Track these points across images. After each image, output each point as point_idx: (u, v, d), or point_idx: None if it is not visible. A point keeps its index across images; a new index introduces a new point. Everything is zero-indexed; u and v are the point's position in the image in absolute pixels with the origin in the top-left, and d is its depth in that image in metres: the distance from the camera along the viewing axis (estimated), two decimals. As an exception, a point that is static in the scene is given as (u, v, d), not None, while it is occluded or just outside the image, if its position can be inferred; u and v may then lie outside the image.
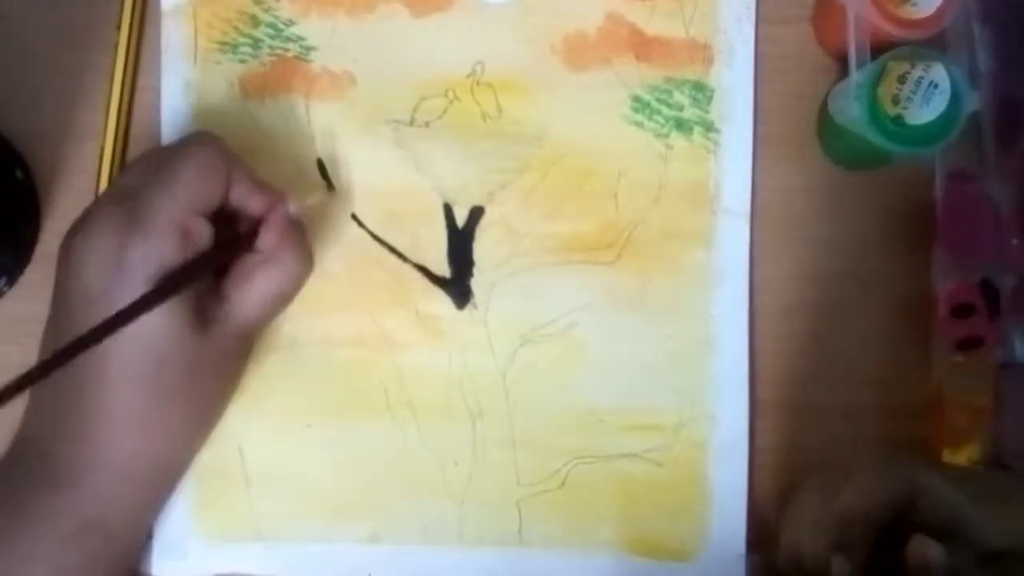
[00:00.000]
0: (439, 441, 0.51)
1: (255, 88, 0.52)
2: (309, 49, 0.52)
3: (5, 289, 0.51)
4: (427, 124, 0.52)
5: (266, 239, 0.46)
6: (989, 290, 0.51)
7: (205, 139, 0.46)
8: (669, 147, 0.52)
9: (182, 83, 0.52)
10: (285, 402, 0.51)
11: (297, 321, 0.51)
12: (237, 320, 0.46)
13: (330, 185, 0.51)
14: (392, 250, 0.52)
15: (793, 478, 0.52)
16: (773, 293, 0.52)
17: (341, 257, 0.52)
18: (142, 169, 0.46)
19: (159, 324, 0.43)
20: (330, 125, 0.52)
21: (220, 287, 0.46)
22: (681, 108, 0.52)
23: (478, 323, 0.52)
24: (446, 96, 0.52)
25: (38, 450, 0.45)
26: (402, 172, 0.52)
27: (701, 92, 0.52)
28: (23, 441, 0.46)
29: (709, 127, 0.52)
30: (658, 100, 0.52)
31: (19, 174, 0.51)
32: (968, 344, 0.51)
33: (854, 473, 0.42)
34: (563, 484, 0.51)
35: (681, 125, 0.52)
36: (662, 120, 0.52)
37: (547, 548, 0.51)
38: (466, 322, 0.52)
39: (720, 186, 0.52)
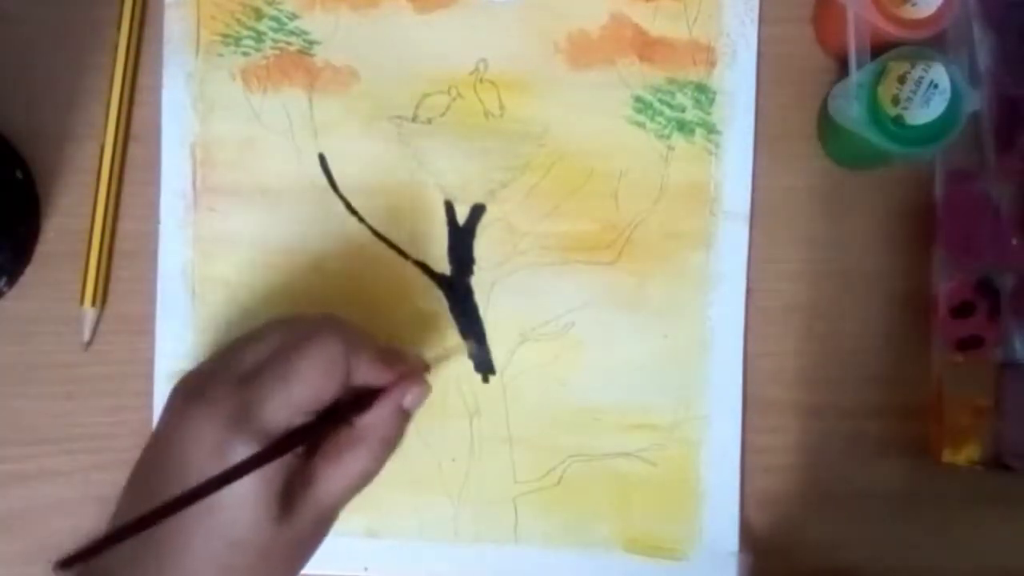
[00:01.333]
0: (436, 438, 0.51)
1: (257, 81, 0.52)
2: (312, 43, 0.52)
3: (5, 289, 0.51)
4: (429, 121, 0.52)
5: (370, 420, 0.44)
6: (989, 290, 0.51)
7: (329, 329, 0.44)
8: (670, 148, 0.52)
9: (183, 75, 0.52)
10: None
11: None
12: (321, 504, 0.43)
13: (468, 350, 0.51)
14: (392, 246, 0.52)
15: (792, 478, 0.52)
16: (773, 293, 0.52)
17: (341, 253, 0.52)
18: (266, 347, 0.44)
19: (241, 505, 0.41)
20: (332, 120, 0.52)
21: (308, 468, 0.43)
22: (683, 109, 0.52)
23: (478, 323, 0.52)
24: (449, 93, 0.52)
25: None
26: (404, 168, 0.52)
27: (703, 94, 0.52)
28: None
29: (711, 129, 0.52)
30: (660, 101, 0.52)
31: (19, 174, 0.51)
32: (968, 344, 0.51)
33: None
34: (559, 482, 0.51)
35: (683, 126, 0.52)
36: (664, 121, 0.52)
37: (542, 545, 0.51)
38: (466, 321, 0.52)
39: (720, 188, 0.52)
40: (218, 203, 0.52)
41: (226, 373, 0.43)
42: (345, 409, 0.44)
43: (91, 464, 0.51)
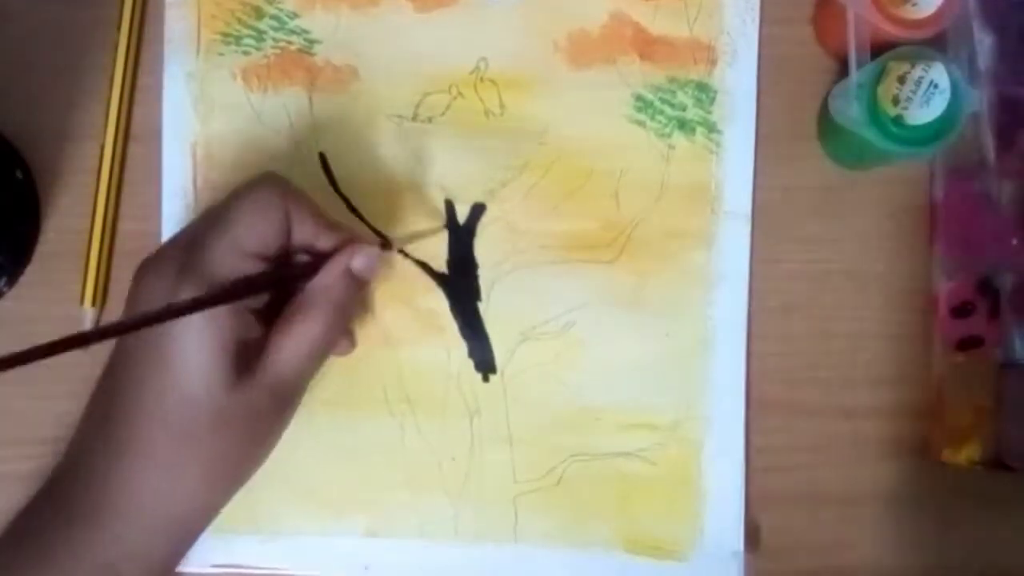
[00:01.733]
0: (436, 437, 0.51)
1: (258, 80, 0.52)
2: (313, 42, 0.52)
3: (5, 289, 0.51)
4: (430, 120, 0.52)
5: (320, 278, 0.44)
6: (989, 290, 0.51)
7: (264, 179, 0.45)
8: (671, 147, 0.52)
9: (184, 75, 0.52)
10: None
11: None
12: (277, 373, 0.43)
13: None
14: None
15: (792, 478, 0.52)
16: (773, 293, 0.52)
17: None
18: (204, 215, 0.45)
19: (194, 362, 0.41)
20: (333, 119, 0.52)
21: (263, 339, 0.44)
22: (684, 108, 0.52)
23: (478, 322, 0.52)
24: (449, 92, 0.52)
25: (63, 486, 0.45)
26: (404, 168, 0.52)
27: (704, 93, 0.52)
28: (55, 476, 0.46)
29: (712, 128, 0.52)
30: (661, 100, 0.52)
31: (19, 174, 0.51)
32: (968, 344, 0.51)
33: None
34: (559, 482, 0.51)
35: (683, 125, 0.52)
36: (664, 120, 0.52)
37: (543, 545, 0.51)
38: (466, 320, 0.52)
39: (721, 187, 0.52)
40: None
41: (168, 245, 0.45)
42: (293, 273, 0.44)
43: (91, 464, 0.51)
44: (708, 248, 0.52)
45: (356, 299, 0.46)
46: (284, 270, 0.45)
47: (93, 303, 0.51)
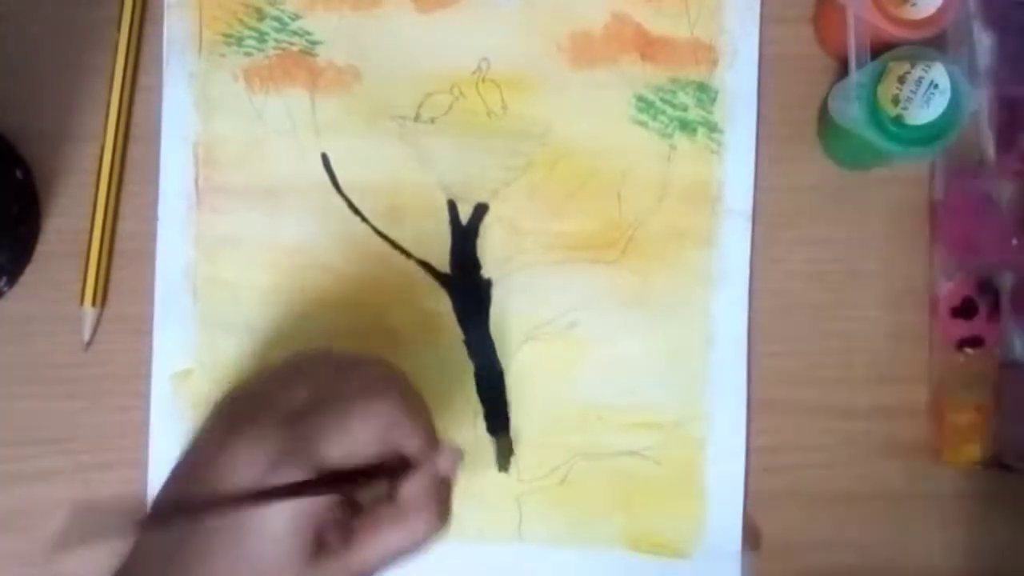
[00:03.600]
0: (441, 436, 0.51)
1: (260, 81, 0.52)
2: (315, 43, 0.52)
3: (5, 289, 0.51)
4: (432, 120, 0.52)
5: (407, 492, 0.42)
6: (989, 290, 0.51)
7: (388, 390, 0.42)
8: (673, 147, 0.52)
9: (185, 75, 0.52)
10: None
11: (300, 315, 0.51)
12: (350, 566, 0.41)
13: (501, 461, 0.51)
14: (395, 246, 0.52)
15: (793, 478, 0.52)
16: (773, 293, 0.52)
17: (344, 253, 0.52)
18: (318, 388, 0.42)
19: (274, 539, 0.39)
20: (335, 119, 0.52)
21: (349, 522, 0.42)
22: (685, 108, 0.52)
23: (482, 322, 0.52)
24: (451, 92, 0.52)
25: None
26: (406, 168, 0.52)
27: (705, 93, 0.52)
28: None
29: (713, 128, 0.52)
30: (662, 100, 0.52)
31: (19, 174, 0.51)
32: (968, 344, 0.51)
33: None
34: (563, 481, 0.51)
35: (685, 125, 0.52)
36: (666, 120, 0.52)
37: (546, 544, 0.51)
38: (470, 320, 0.52)
39: (723, 187, 0.52)
40: (221, 203, 0.52)
41: (274, 408, 0.42)
42: (385, 470, 0.42)
43: (91, 464, 0.51)
44: (710, 247, 0.52)
45: (448, 502, 0.43)
46: (380, 467, 0.42)
47: (93, 303, 0.51)
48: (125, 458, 0.51)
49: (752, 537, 0.52)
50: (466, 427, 0.52)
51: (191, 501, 0.38)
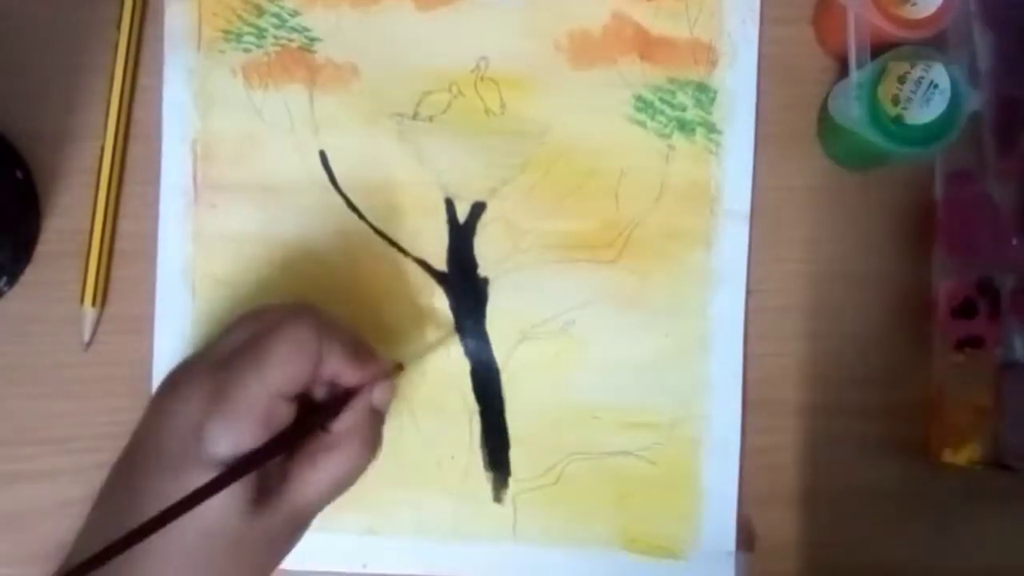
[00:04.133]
0: (435, 435, 0.51)
1: (258, 78, 0.52)
2: (313, 40, 0.52)
3: (5, 289, 0.51)
4: (430, 118, 0.52)
5: (342, 423, 0.44)
6: (989, 290, 0.51)
7: (300, 315, 0.44)
8: (671, 147, 0.52)
9: (184, 71, 0.52)
10: None
11: None
12: (294, 503, 0.43)
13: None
14: (393, 244, 0.52)
15: (792, 478, 0.52)
16: (773, 293, 0.52)
17: (342, 249, 0.52)
18: (239, 335, 0.45)
19: (213, 503, 0.40)
20: (333, 117, 0.52)
21: (284, 466, 0.44)
22: (684, 109, 0.52)
23: (478, 320, 0.52)
24: (450, 91, 0.52)
25: None
26: (404, 166, 0.52)
27: (704, 93, 0.52)
28: None
29: (711, 128, 0.52)
30: (661, 100, 0.52)
31: (19, 174, 0.51)
32: (968, 344, 0.51)
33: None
34: (558, 480, 0.51)
35: (683, 126, 0.52)
36: (665, 120, 0.52)
37: (541, 543, 0.51)
38: (466, 319, 0.52)
39: (721, 188, 0.52)
40: (219, 200, 0.52)
41: (200, 363, 0.44)
42: (318, 413, 0.44)
43: (91, 464, 0.51)
44: (707, 248, 0.52)
45: (378, 430, 0.46)
46: (309, 417, 0.44)
47: (93, 303, 0.51)
48: (125, 458, 0.51)
49: (747, 538, 0.52)
50: (461, 426, 0.52)
51: (130, 534, 0.38)
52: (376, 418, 0.45)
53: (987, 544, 0.52)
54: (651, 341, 0.52)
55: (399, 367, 0.48)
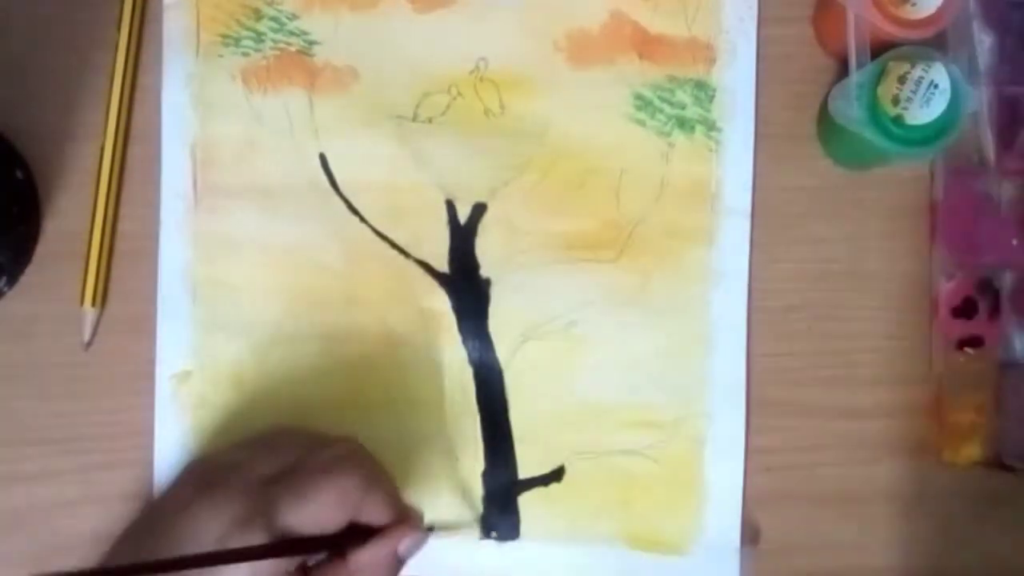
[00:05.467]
0: (439, 436, 0.51)
1: (257, 82, 0.52)
2: (312, 43, 0.52)
3: (5, 289, 0.51)
4: (430, 120, 0.52)
5: (361, 559, 0.44)
6: (989, 290, 0.51)
7: (352, 467, 0.44)
8: (671, 145, 0.52)
9: (183, 76, 0.52)
10: (286, 396, 0.51)
11: (299, 315, 0.51)
12: None
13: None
14: (394, 246, 0.52)
15: (793, 478, 0.52)
16: (773, 293, 0.52)
17: (343, 253, 0.52)
18: (282, 461, 0.45)
19: None
20: (333, 120, 0.52)
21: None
22: (683, 107, 0.52)
23: (480, 322, 0.52)
24: (449, 92, 0.52)
25: None
26: (404, 168, 0.52)
27: (703, 91, 0.52)
28: None
29: (711, 126, 0.52)
30: (660, 98, 0.52)
31: (19, 174, 0.51)
32: (968, 344, 0.51)
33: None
34: (562, 479, 0.51)
35: (683, 124, 0.52)
36: (664, 118, 0.52)
37: (545, 541, 0.51)
38: (468, 320, 0.52)
39: (721, 185, 0.52)
40: (219, 204, 0.52)
41: (239, 475, 0.44)
42: (343, 539, 0.44)
43: (91, 464, 0.51)
44: (708, 245, 0.52)
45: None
46: (337, 537, 0.44)
47: (93, 303, 0.51)
48: (125, 458, 0.51)
49: (751, 534, 0.52)
50: (465, 427, 0.52)
51: (149, 560, 0.39)
52: (396, 566, 0.46)
53: (988, 544, 0.52)
54: (653, 339, 0.52)
55: (429, 529, 0.48)
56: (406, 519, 0.46)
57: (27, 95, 0.52)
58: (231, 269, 0.52)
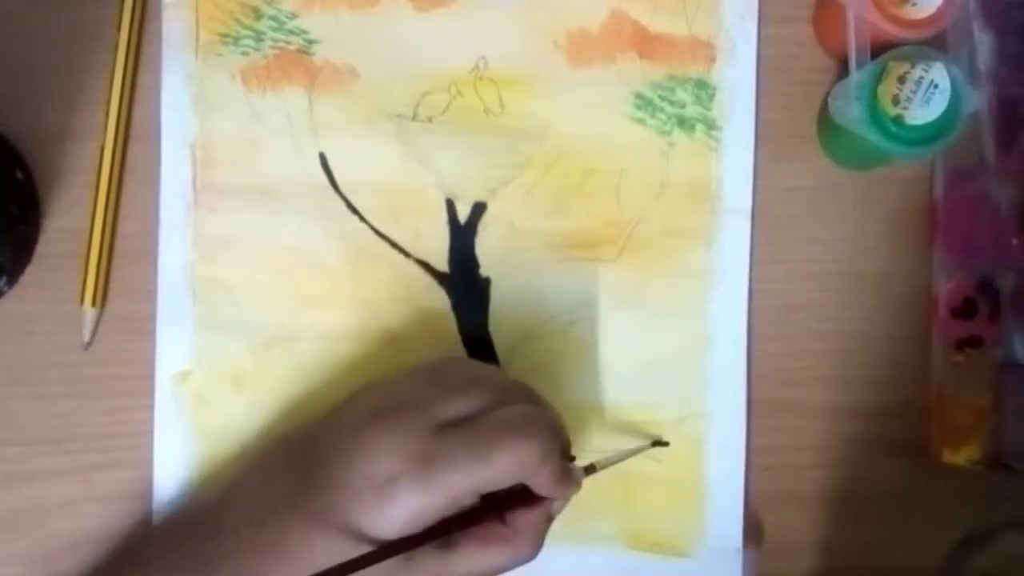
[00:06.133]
0: None
1: (257, 81, 0.52)
2: (312, 42, 0.52)
3: (5, 289, 0.51)
4: (430, 119, 0.52)
5: (521, 520, 0.44)
6: (989, 290, 0.51)
7: (538, 433, 0.43)
8: (671, 144, 0.52)
9: (183, 75, 0.52)
10: (286, 396, 0.51)
11: (299, 315, 0.51)
12: (445, 570, 0.43)
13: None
14: (394, 245, 0.52)
15: (792, 478, 0.52)
16: (773, 293, 0.52)
17: (343, 252, 0.52)
18: (469, 407, 0.44)
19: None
20: (332, 119, 0.52)
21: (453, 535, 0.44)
22: (683, 106, 0.52)
23: (480, 321, 0.52)
24: (449, 91, 0.52)
25: None
26: (404, 167, 0.52)
27: (703, 90, 0.52)
28: None
29: (711, 125, 0.52)
30: (660, 97, 0.52)
31: (19, 174, 0.51)
32: (968, 344, 0.51)
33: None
34: None
35: (683, 123, 0.52)
36: (664, 117, 0.52)
37: (546, 542, 0.51)
38: (468, 319, 0.52)
39: (722, 184, 0.52)
40: (218, 203, 0.52)
41: (422, 411, 0.43)
42: (504, 501, 0.44)
43: (91, 464, 0.51)
44: (708, 245, 0.52)
45: (546, 533, 0.45)
46: (490, 505, 0.44)
47: (93, 303, 0.51)
48: (125, 458, 0.51)
49: (755, 533, 0.52)
50: None
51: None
52: (549, 522, 0.45)
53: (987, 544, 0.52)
54: (653, 339, 0.52)
55: (591, 468, 0.47)
56: (567, 488, 0.45)
57: (27, 95, 0.52)
58: (231, 268, 0.52)
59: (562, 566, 0.51)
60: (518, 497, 0.44)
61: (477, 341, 0.52)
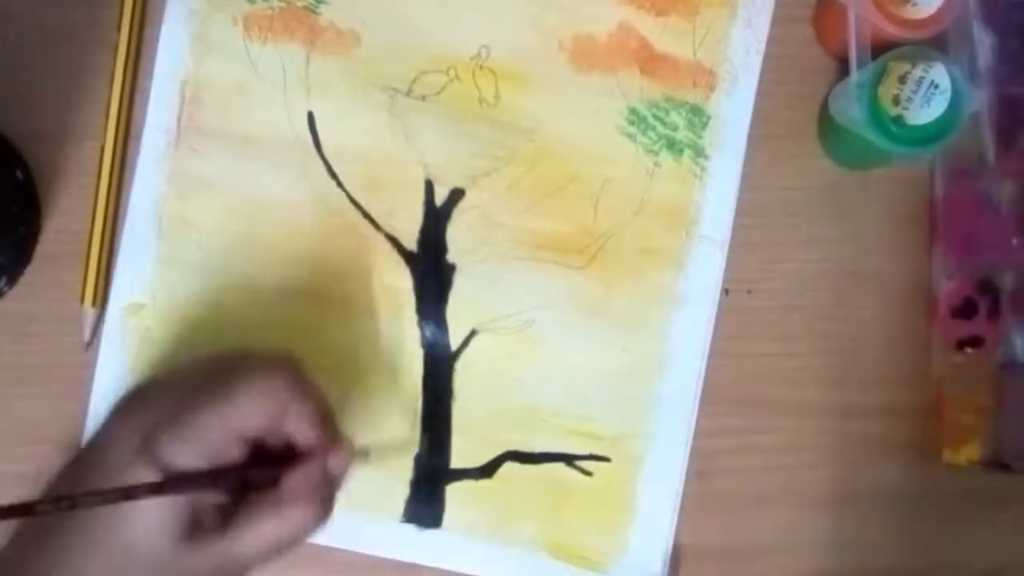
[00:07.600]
0: (381, 411, 0.51)
1: (259, 30, 0.51)
2: (320, 2, 0.52)
3: (5, 289, 0.51)
4: (423, 98, 0.52)
5: (291, 483, 0.43)
6: (989, 290, 0.51)
7: (277, 366, 0.43)
8: (657, 165, 0.52)
9: (186, 11, 0.51)
10: (230, 344, 0.50)
11: (261, 267, 0.51)
12: (228, 550, 0.42)
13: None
14: (366, 216, 0.52)
15: (792, 478, 0.52)
16: (773, 293, 0.52)
17: (315, 214, 0.51)
18: (212, 366, 0.44)
19: (146, 520, 0.40)
20: (327, 81, 0.51)
21: (227, 509, 0.42)
22: (675, 128, 0.52)
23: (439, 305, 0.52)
24: (447, 74, 0.52)
25: None
26: (390, 140, 0.51)
27: (697, 117, 0.52)
28: None
29: (699, 152, 0.52)
30: (654, 116, 0.52)
31: (19, 174, 0.51)
32: (968, 344, 0.51)
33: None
34: (493, 476, 0.51)
35: (672, 145, 0.52)
36: (655, 137, 0.52)
37: (465, 535, 0.51)
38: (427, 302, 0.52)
39: (701, 212, 0.52)
40: (200, 144, 0.51)
41: (171, 382, 0.44)
42: (268, 463, 0.43)
43: (91, 464, 0.51)
44: (678, 270, 0.52)
45: (330, 498, 0.44)
46: (262, 464, 0.43)
47: (93, 303, 0.51)
48: (125, 458, 0.51)
49: (750, 538, 0.52)
50: (406, 407, 0.51)
51: (54, 498, 0.39)
52: (329, 485, 0.44)
53: (987, 544, 0.52)
54: (608, 353, 0.52)
55: (364, 453, 0.47)
56: (331, 434, 0.44)
57: (27, 95, 0.52)
58: (201, 211, 0.51)
59: (478, 561, 0.51)
60: (287, 458, 0.43)
61: (433, 324, 0.51)
